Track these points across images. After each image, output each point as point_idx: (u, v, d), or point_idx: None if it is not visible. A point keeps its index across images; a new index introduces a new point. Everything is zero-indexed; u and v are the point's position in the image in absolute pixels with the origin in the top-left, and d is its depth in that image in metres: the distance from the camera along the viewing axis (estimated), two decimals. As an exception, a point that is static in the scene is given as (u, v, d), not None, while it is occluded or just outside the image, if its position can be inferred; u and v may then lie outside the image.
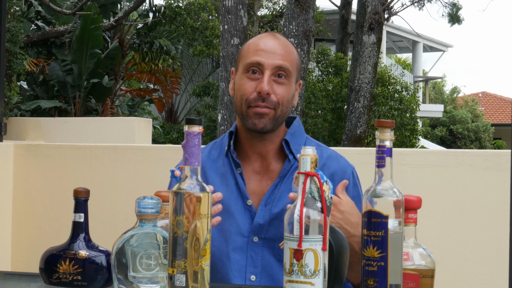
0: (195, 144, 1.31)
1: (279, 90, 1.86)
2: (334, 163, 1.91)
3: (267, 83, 1.84)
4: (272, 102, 1.85)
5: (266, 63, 1.86)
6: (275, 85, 1.86)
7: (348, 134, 9.85)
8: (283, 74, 1.87)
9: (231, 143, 1.93)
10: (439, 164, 3.26)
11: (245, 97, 1.86)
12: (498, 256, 3.14)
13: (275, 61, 1.86)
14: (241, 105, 1.88)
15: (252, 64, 1.87)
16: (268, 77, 1.85)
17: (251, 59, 1.88)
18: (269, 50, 1.88)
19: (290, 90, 1.89)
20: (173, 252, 1.28)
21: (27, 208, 3.98)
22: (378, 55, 9.90)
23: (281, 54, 1.88)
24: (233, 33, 7.18)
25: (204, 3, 14.96)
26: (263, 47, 1.89)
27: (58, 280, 1.54)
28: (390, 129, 1.34)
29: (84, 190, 1.57)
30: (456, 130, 25.42)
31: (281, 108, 1.87)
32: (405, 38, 23.45)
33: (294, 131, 1.95)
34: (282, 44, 1.92)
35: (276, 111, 1.86)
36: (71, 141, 6.16)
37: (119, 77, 11.98)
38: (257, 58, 1.87)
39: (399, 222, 1.32)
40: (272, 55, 1.87)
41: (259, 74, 1.87)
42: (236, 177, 1.89)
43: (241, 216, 1.86)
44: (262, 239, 1.84)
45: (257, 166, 1.91)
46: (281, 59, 1.87)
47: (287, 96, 1.88)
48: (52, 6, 9.88)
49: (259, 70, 1.87)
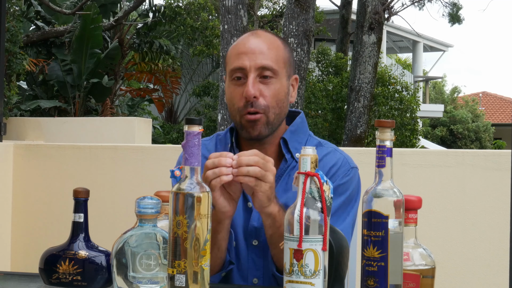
0: (195, 144, 1.30)
1: (266, 92, 1.78)
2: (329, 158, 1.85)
3: (252, 86, 1.76)
4: (261, 106, 1.77)
5: (248, 66, 1.78)
6: (262, 87, 1.78)
7: (348, 134, 9.85)
8: (268, 75, 1.79)
9: (233, 140, 1.87)
10: (440, 164, 3.26)
11: (236, 106, 1.79)
12: (498, 256, 3.13)
13: (257, 61, 1.78)
14: (234, 114, 1.81)
15: (235, 70, 1.80)
16: (252, 80, 1.77)
17: (233, 65, 1.80)
18: (250, 51, 1.79)
19: (280, 88, 1.81)
20: (173, 252, 1.27)
21: (27, 208, 3.98)
22: (378, 55, 9.90)
23: (263, 53, 1.79)
24: (233, 33, 7.18)
25: (204, 3, 14.96)
26: (243, 49, 1.81)
27: (57, 281, 1.54)
28: (390, 129, 1.34)
29: (84, 190, 1.57)
30: (456, 130, 25.42)
31: (272, 110, 1.79)
32: (405, 38, 23.45)
33: (296, 128, 1.88)
34: (263, 42, 1.82)
35: (268, 115, 1.78)
36: (71, 141, 6.15)
37: (119, 77, 11.97)
38: (239, 63, 1.79)
39: (399, 222, 1.31)
40: (253, 55, 1.79)
41: (244, 79, 1.79)
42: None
43: (240, 219, 1.81)
44: (262, 241, 1.78)
45: None
46: (263, 59, 1.79)
47: (278, 96, 1.80)
48: (51, 6, 9.89)
49: (243, 74, 1.79)
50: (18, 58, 7.53)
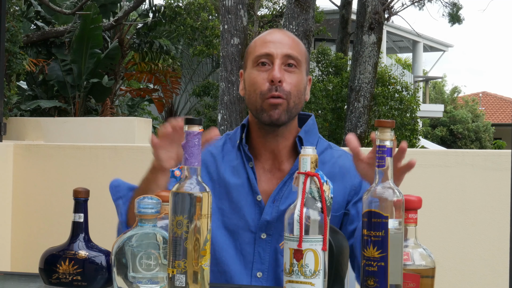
0: (195, 144, 1.30)
1: (290, 79, 1.85)
2: (346, 160, 1.88)
3: (279, 70, 1.83)
4: (284, 91, 1.83)
5: (275, 52, 1.85)
6: (286, 74, 1.85)
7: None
8: (293, 63, 1.86)
9: (243, 136, 1.91)
10: (440, 164, 3.26)
11: (259, 90, 1.84)
12: (498, 256, 3.13)
13: (284, 50, 1.86)
14: (255, 99, 1.85)
15: (261, 56, 1.86)
16: (278, 65, 1.84)
17: (260, 51, 1.87)
18: (276, 41, 1.87)
19: (301, 80, 1.88)
20: (173, 252, 1.27)
21: (27, 208, 3.98)
22: (378, 55, 9.89)
23: (289, 44, 1.88)
24: (233, 33, 7.18)
25: (204, 3, 14.96)
26: (269, 39, 1.89)
27: (57, 281, 1.54)
28: (390, 129, 1.34)
29: (84, 190, 1.57)
30: (456, 130, 25.42)
31: (293, 98, 1.84)
32: (405, 38, 23.46)
33: (308, 129, 1.93)
34: (289, 36, 1.92)
35: (289, 101, 1.84)
36: (71, 141, 6.15)
37: (119, 77, 11.97)
38: (266, 50, 1.86)
39: (399, 222, 1.31)
40: (280, 45, 1.86)
41: (269, 65, 1.85)
42: (247, 171, 1.87)
43: (249, 211, 1.84)
44: (270, 235, 1.82)
45: (268, 165, 1.89)
46: (289, 48, 1.86)
47: (299, 86, 1.86)
48: (51, 6, 9.88)
49: (269, 60, 1.85)
50: (18, 58, 7.53)
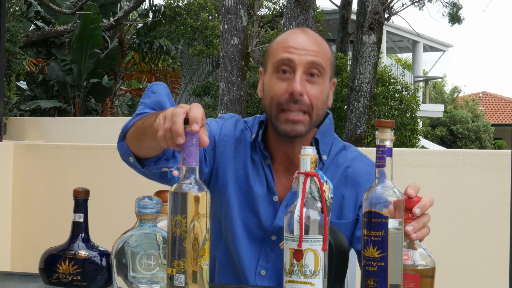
0: (192, 144, 1.30)
1: (312, 91, 1.72)
2: (360, 164, 1.83)
3: (300, 82, 1.70)
4: (306, 104, 1.71)
5: (297, 60, 1.72)
6: (308, 85, 1.72)
7: (348, 134, 9.85)
8: (316, 73, 1.73)
9: (259, 132, 1.81)
10: (440, 164, 3.26)
11: (276, 99, 1.73)
12: (498, 256, 3.13)
13: (307, 57, 1.72)
14: (271, 108, 1.74)
15: (282, 62, 1.73)
16: (300, 75, 1.71)
17: (281, 55, 1.74)
18: (299, 47, 1.73)
19: (324, 90, 1.76)
20: (172, 252, 1.27)
21: (27, 208, 3.98)
22: (378, 55, 9.89)
23: (313, 50, 1.74)
24: (233, 33, 7.18)
25: (204, 3, 14.96)
26: (293, 44, 1.74)
27: (57, 281, 1.54)
28: (390, 129, 1.33)
29: (84, 190, 1.57)
30: (456, 130, 25.42)
31: (315, 111, 1.73)
32: (405, 38, 23.45)
33: (325, 130, 1.82)
34: (313, 39, 1.77)
35: (311, 115, 1.72)
36: (71, 141, 6.15)
37: (119, 77, 11.98)
38: (287, 55, 1.73)
39: (399, 222, 1.31)
40: (303, 51, 1.73)
41: (290, 74, 1.73)
42: (264, 169, 1.80)
43: (264, 211, 1.79)
44: (280, 239, 1.76)
45: (283, 167, 1.82)
46: (313, 55, 1.73)
47: (322, 97, 1.74)
48: (51, 6, 9.89)
49: (290, 68, 1.73)
50: (18, 58, 7.54)
